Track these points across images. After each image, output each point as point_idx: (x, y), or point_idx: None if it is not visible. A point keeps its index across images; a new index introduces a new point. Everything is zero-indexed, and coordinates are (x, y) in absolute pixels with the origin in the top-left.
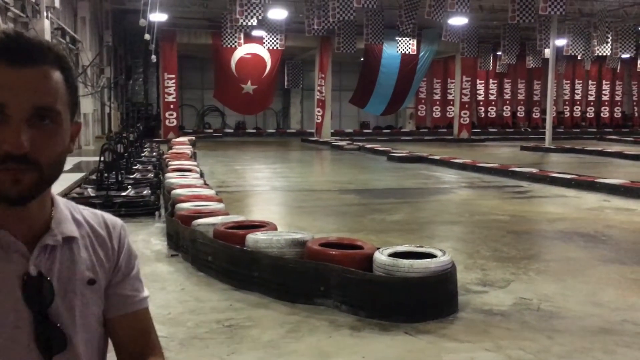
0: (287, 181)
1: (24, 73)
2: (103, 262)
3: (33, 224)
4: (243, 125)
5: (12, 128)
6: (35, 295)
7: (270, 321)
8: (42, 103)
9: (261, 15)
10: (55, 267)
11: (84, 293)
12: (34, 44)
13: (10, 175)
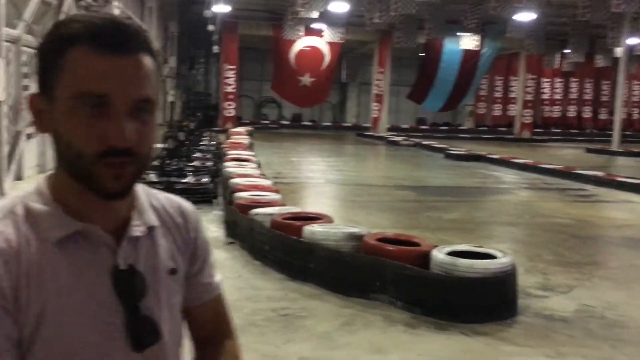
0: (341, 175)
1: (124, 62)
2: (182, 250)
3: (118, 215)
4: (299, 118)
5: (116, 121)
6: (126, 289)
7: (324, 313)
8: (142, 95)
9: (323, 8)
10: (141, 259)
11: (167, 283)
12: (131, 30)
13: (112, 170)
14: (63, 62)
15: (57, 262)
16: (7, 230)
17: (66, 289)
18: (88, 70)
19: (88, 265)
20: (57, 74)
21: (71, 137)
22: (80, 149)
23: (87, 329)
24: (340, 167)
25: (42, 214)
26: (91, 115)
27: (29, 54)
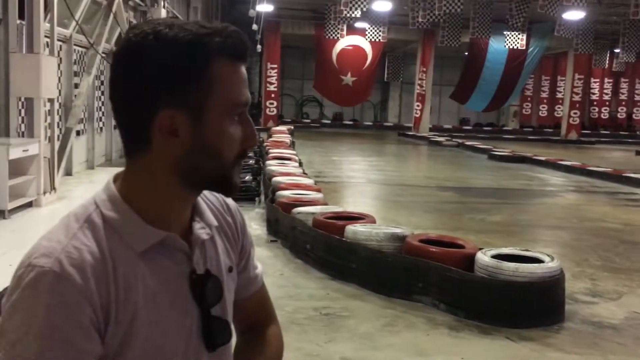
0: (383, 174)
1: (244, 71)
2: (233, 246)
3: (185, 220)
4: (340, 117)
5: (250, 125)
6: (202, 293)
7: (366, 313)
8: (249, 99)
9: (366, 7)
10: (208, 261)
11: (227, 281)
12: (247, 41)
13: (239, 169)
14: (208, 73)
15: (142, 272)
16: (89, 243)
17: (152, 298)
18: (236, 81)
19: (169, 272)
20: (202, 88)
21: (222, 146)
22: (224, 156)
23: (171, 334)
24: (381, 166)
25: (122, 223)
26: (236, 122)
27: (79, 52)
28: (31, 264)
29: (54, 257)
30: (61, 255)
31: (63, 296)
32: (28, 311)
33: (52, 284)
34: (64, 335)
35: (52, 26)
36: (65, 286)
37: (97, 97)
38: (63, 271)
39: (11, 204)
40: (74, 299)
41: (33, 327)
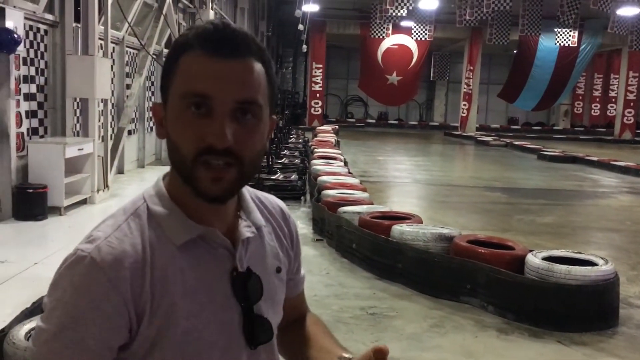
0: (429, 174)
1: (230, 65)
2: (284, 248)
3: (229, 217)
4: (385, 116)
5: (217, 121)
6: (243, 290)
7: (413, 313)
8: (246, 96)
9: (412, 6)
10: (253, 260)
11: (274, 282)
12: (240, 36)
13: (211, 173)
14: (177, 67)
15: (181, 265)
16: (133, 234)
17: (191, 291)
18: (195, 72)
19: (209, 267)
20: (171, 79)
21: (177, 139)
22: (183, 150)
23: (210, 328)
24: (427, 166)
25: (165, 217)
26: (195, 116)
27: (131, 54)
28: (76, 248)
29: (95, 245)
30: (102, 244)
31: (92, 282)
32: (61, 289)
33: (86, 268)
34: (83, 319)
35: (106, 29)
36: (96, 273)
37: (147, 98)
38: (99, 259)
39: (67, 201)
40: (103, 286)
41: (60, 304)
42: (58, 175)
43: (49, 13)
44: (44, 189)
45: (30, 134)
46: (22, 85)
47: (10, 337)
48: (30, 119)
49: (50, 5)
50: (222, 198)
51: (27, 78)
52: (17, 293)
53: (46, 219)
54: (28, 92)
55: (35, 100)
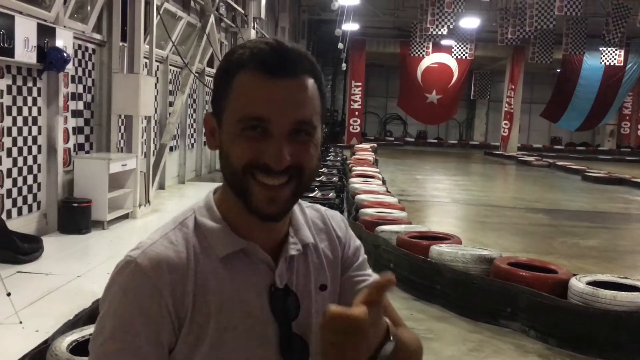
0: (469, 194)
1: (286, 85)
2: (330, 260)
3: (277, 234)
4: (424, 135)
5: (274, 143)
6: (281, 307)
7: (451, 336)
8: (302, 117)
9: (452, 24)
10: (295, 277)
11: (317, 300)
12: (294, 54)
13: (267, 193)
14: (231, 87)
15: (221, 277)
16: (178, 242)
17: (228, 303)
18: (251, 95)
19: (248, 281)
20: (226, 98)
21: (231, 153)
22: (236, 163)
23: (245, 342)
24: (467, 186)
25: (211, 230)
26: (252, 136)
27: (174, 72)
28: (127, 254)
29: (142, 250)
30: (148, 250)
31: (138, 286)
32: (112, 293)
33: (132, 273)
34: (133, 322)
35: (151, 48)
36: (141, 278)
37: (189, 115)
38: (143, 263)
39: (110, 216)
40: (147, 288)
41: (112, 308)
42: (102, 190)
43: (97, 33)
44: (88, 203)
45: (77, 149)
46: (70, 102)
47: (53, 349)
48: (77, 135)
49: (98, 25)
50: (277, 217)
51: (74, 95)
52: (60, 305)
53: (90, 232)
54: (75, 109)
55: (82, 117)
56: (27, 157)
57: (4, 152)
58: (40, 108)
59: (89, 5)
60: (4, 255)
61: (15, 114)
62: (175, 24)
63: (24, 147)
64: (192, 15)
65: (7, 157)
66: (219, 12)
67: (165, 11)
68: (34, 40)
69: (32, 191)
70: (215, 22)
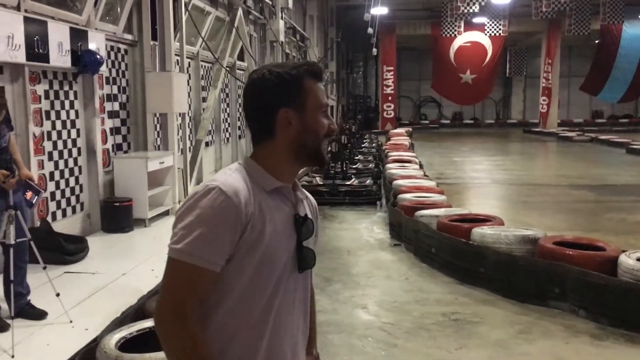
0: (509, 174)
1: (322, 87)
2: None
3: (292, 182)
4: (460, 116)
5: (330, 118)
6: (304, 229)
7: (498, 319)
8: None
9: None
10: (304, 211)
11: (317, 226)
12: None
13: (325, 148)
14: (303, 88)
15: (269, 203)
16: (239, 180)
17: (273, 221)
18: (319, 91)
19: (284, 209)
20: (303, 95)
21: (318, 128)
22: (320, 133)
23: (280, 247)
24: (507, 166)
25: (257, 173)
26: (324, 116)
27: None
28: (204, 184)
29: (220, 182)
30: (223, 183)
31: (222, 202)
32: (200, 207)
33: (218, 193)
34: (216, 226)
35: (182, 45)
36: (224, 197)
37: (222, 110)
38: (225, 188)
39: (151, 213)
40: (228, 206)
41: (201, 217)
42: (142, 189)
43: (128, 33)
44: (129, 202)
45: (115, 149)
46: (106, 103)
47: (102, 347)
48: (115, 135)
49: (129, 25)
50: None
51: (110, 96)
52: (108, 303)
53: (132, 230)
54: (112, 109)
55: (119, 117)
56: (68, 160)
57: (45, 156)
58: (77, 111)
59: (119, 7)
60: (52, 257)
61: (53, 118)
62: (204, 19)
63: (64, 150)
64: (220, 9)
65: (49, 161)
66: (247, 5)
67: (193, 7)
68: (68, 45)
69: (74, 193)
70: (244, 14)
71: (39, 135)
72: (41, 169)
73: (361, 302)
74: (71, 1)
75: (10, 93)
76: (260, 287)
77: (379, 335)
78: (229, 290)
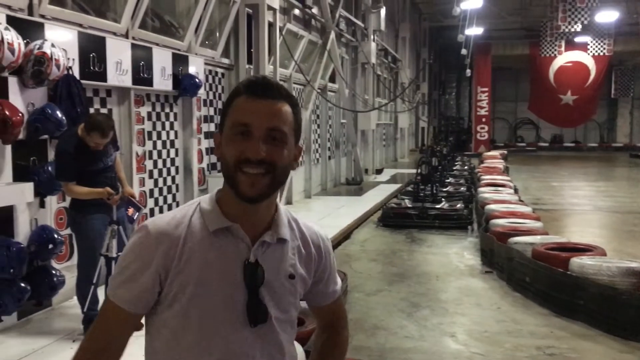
0: (613, 201)
1: (264, 103)
2: (306, 264)
3: (257, 222)
4: (559, 139)
5: (253, 140)
6: (251, 277)
7: (598, 356)
8: (273, 125)
9: (587, 20)
10: (267, 260)
11: (284, 284)
12: (272, 85)
13: (249, 179)
14: (230, 107)
15: (209, 246)
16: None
17: (209, 266)
18: (240, 109)
19: (229, 253)
20: (227, 114)
21: (226, 153)
22: (229, 161)
23: (218, 299)
24: (611, 192)
25: (207, 210)
26: (240, 139)
27: (298, 89)
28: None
29: (150, 221)
30: (153, 222)
31: (142, 240)
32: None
33: (143, 232)
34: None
35: (275, 68)
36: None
37: (313, 131)
38: (150, 228)
39: None
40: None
41: (124, 255)
42: None
43: (225, 57)
44: None
45: (210, 169)
46: (203, 124)
47: None
48: (210, 155)
49: (226, 50)
50: (257, 199)
51: (206, 118)
52: None
53: None
54: (207, 130)
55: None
56: (167, 178)
57: (146, 174)
58: (176, 132)
59: (218, 32)
60: None
61: (155, 138)
62: (297, 43)
63: (163, 168)
64: (313, 33)
65: (149, 179)
66: (339, 28)
67: (287, 31)
68: (170, 69)
69: (171, 209)
70: (336, 37)
71: (141, 154)
72: (142, 187)
73: (450, 330)
74: (174, 28)
75: (117, 115)
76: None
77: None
78: (154, 351)
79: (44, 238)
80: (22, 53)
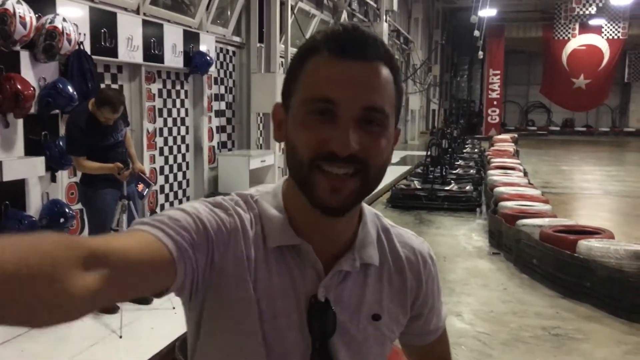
0: (623, 185)
1: (357, 67)
2: (399, 295)
3: (335, 239)
4: (571, 123)
5: (341, 127)
6: (318, 322)
7: (603, 337)
8: (371, 103)
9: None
10: (344, 296)
11: (366, 328)
12: (369, 38)
13: (330, 183)
14: (302, 71)
15: (271, 265)
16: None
17: (273, 294)
18: (320, 75)
19: (294, 280)
20: (296, 82)
21: (296, 143)
22: (301, 153)
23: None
24: (621, 177)
25: (269, 218)
26: (318, 121)
27: None
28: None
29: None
30: (263, 202)
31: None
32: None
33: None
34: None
35: (286, 47)
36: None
37: None
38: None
39: None
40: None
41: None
42: (244, 185)
43: (236, 35)
44: None
45: (220, 147)
46: (214, 102)
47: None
48: (220, 133)
49: (237, 28)
50: (339, 210)
51: (217, 96)
52: None
53: None
54: (218, 109)
55: (224, 117)
56: (177, 155)
57: (156, 151)
58: (187, 109)
59: (229, 10)
60: None
61: (165, 116)
62: (309, 22)
63: (173, 146)
64: (325, 12)
65: (160, 156)
66: (351, 8)
67: (299, 10)
68: (181, 46)
69: (181, 187)
70: (348, 17)
71: (152, 131)
72: (152, 163)
73: (456, 310)
74: (185, 5)
75: (127, 91)
76: None
77: (473, 344)
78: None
79: (55, 212)
80: (34, 27)
